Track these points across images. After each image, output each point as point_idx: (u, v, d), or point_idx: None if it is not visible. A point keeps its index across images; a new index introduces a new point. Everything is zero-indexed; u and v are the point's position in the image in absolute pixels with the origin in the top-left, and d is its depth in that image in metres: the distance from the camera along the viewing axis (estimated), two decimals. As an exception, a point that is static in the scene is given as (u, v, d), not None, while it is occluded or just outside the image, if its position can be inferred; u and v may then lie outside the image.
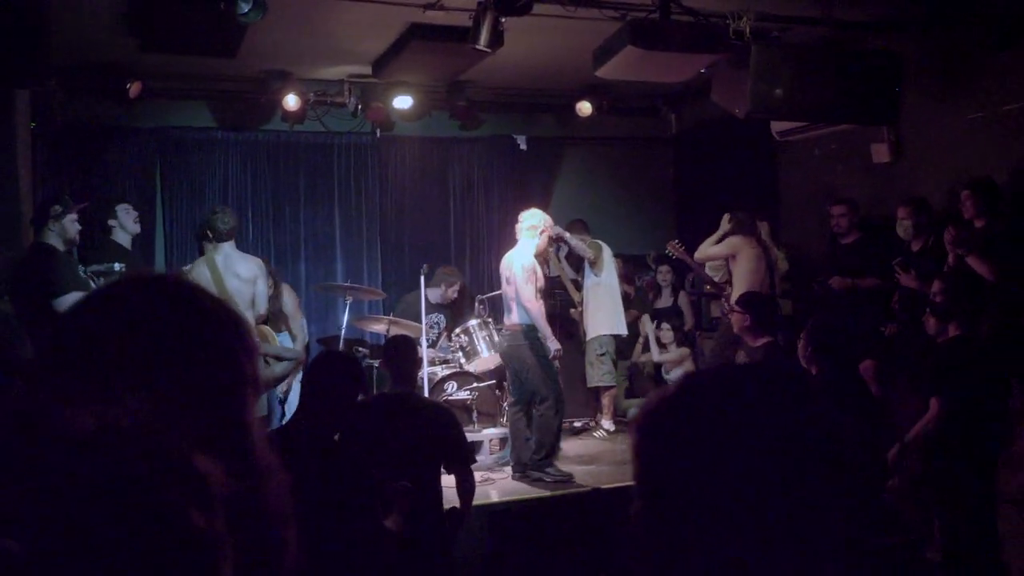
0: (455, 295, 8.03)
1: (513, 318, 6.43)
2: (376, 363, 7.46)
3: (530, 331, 6.33)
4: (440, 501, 4.24)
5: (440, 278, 7.97)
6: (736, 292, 6.62)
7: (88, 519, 0.64)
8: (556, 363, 6.51)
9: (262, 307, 6.63)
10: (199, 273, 6.67)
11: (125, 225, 6.80)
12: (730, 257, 7.31)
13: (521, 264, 6.35)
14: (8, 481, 0.65)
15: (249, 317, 6.43)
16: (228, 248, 6.71)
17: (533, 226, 6.48)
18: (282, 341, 7.32)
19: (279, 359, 6.78)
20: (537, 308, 6.35)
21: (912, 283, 6.16)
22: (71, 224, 5.93)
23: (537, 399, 6.34)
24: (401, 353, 4.55)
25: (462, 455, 4.44)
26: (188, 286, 1.06)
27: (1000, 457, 4.66)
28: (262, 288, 6.70)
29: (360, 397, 3.56)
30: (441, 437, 4.29)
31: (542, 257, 6.75)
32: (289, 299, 7.64)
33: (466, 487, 4.37)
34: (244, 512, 0.79)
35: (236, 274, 6.61)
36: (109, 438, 0.70)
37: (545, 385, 6.31)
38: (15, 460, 0.67)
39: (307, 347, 7.73)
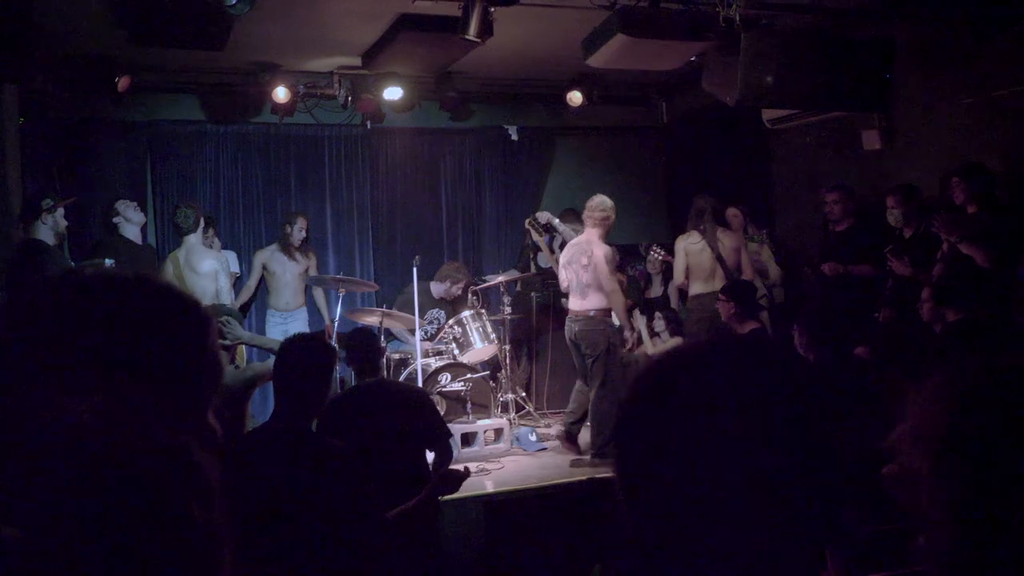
0: (459, 292, 8.00)
1: (588, 303, 6.66)
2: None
3: (607, 316, 6.66)
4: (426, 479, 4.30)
5: (446, 273, 7.96)
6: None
7: (90, 506, 0.64)
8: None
9: (226, 300, 6.66)
10: (165, 268, 6.82)
11: (130, 218, 6.85)
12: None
13: (604, 252, 6.64)
14: (4, 471, 0.65)
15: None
16: (191, 242, 6.82)
17: (606, 215, 6.76)
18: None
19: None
20: (621, 295, 6.73)
21: (905, 270, 6.17)
22: (61, 218, 5.96)
23: (601, 382, 6.53)
24: (365, 345, 4.62)
25: (441, 432, 4.51)
26: (149, 283, 1.07)
27: None
28: (224, 282, 6.79)
29: (337, 377, 3.51)
30: (420, 418, 4.36)
31: None
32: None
33: (444, 462, 4.45)
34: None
35: (194, 269, 6.74)
36: (106, 428, 0.70)
37: (612, 369, 6.55)
38: (9, 450, 0.66)
39: None
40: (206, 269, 6.73)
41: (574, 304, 6.78)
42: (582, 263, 6.69)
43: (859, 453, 0.98)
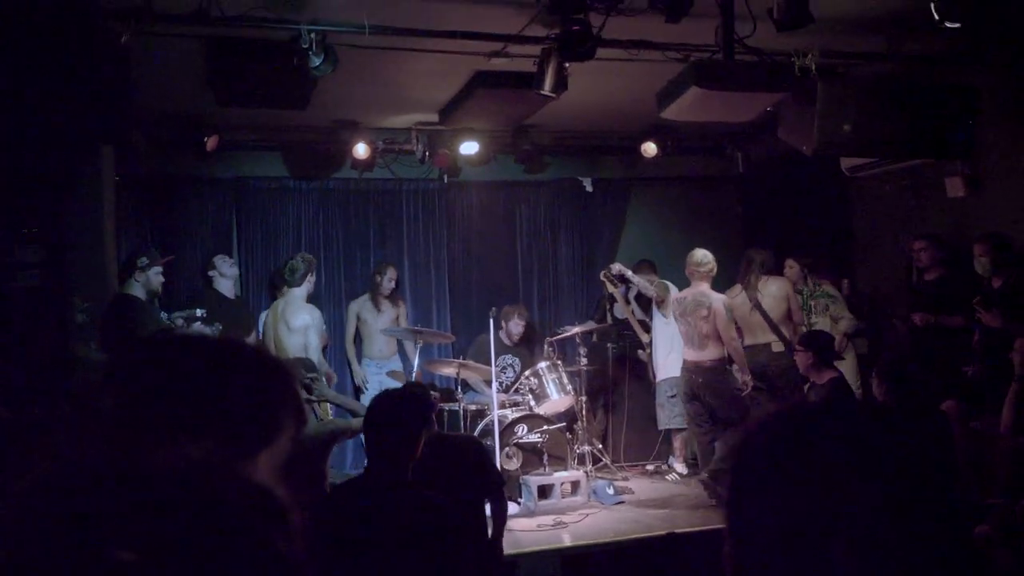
0: (519, 330, 8.01)
1: (706, 354, 6.93)
2: (448, 406, 7.51)
3: (726, 365, 6.96)
4: (487, 531, 4.30)
5: (505, 313, 8.04)
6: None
7: (188, 544, 0.74)
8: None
9: (313, 356, 6.73)
10: (264, 317, 6.99)
11: (224, 272, 7.09)
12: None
13: (722, 303, 6.94)
14: (112, 511, 0.75)
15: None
16: (294, 295, 6.98)
17: (711, 267, 7.10)
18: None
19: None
20: (739, 343, 7.09)
21: (995, 321, 5.99)
22: (155, 276, 6.20)
23: (728, 424, 6.78)
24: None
25: (496, 481, 4.49)
26: (231, 344, 1.17)
27: None
28: (313, 339, 6.89)
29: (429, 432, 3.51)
30: (478, 466, 4.35)
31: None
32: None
33: (499, 511, 4.45)
34: None
35: (287, 322, 6.91)
36: (202, 473, 0.80)
37: (737, 412, 6.77)
38: (114, 496, 0.76)
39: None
40: (298, 324, 6.88)
41: (690, 355, 6.98)
42: (701, 315, 6.87)
43: (951, 509, 0.97)
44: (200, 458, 0.83)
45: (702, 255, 7.06)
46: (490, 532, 4.41)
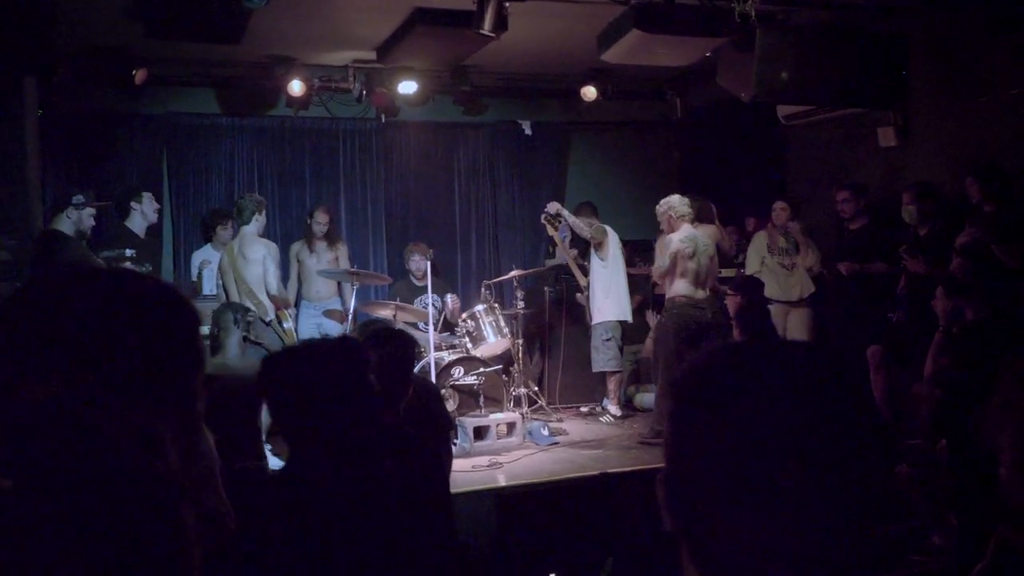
0: (423, 266, 7.85)
1: (707, 292, 7.00)
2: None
3: None
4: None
5: (404, 256, 8.19)
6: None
7: (71, 468, 0.79)
8: None
9: (272, 287, 6.91)
10: (221, 257, 7.17)
11: (146, 213, 6.92)
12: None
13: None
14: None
15: (261, 295, 6.85)
16: (246, 232, 7.05)
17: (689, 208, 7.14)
18: None
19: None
20: None
21: (920, 268, 6.16)
22: (88, 217, 6.06)
23: None
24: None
25: (448, 424, 4.56)
26: (127, 276, 1.18)
27: None
28: (271, 267, 6.97)
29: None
30: (435, 410, 4.39)
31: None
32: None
33: (447, 454, 4.49)
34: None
35: (245, 256, 6.95)
36: (81, 409, 0.86)
37: None
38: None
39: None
40: (254, 256, 6.95)
41: (700, 293, 6.97)
42: (711, 255, 7.04)
43: (873, 450, 1.01)
44: (80, 394, 0.87)
45: (680, 199, 7.05)
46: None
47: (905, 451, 5.37)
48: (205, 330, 6.25)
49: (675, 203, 7.02)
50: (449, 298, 8.00)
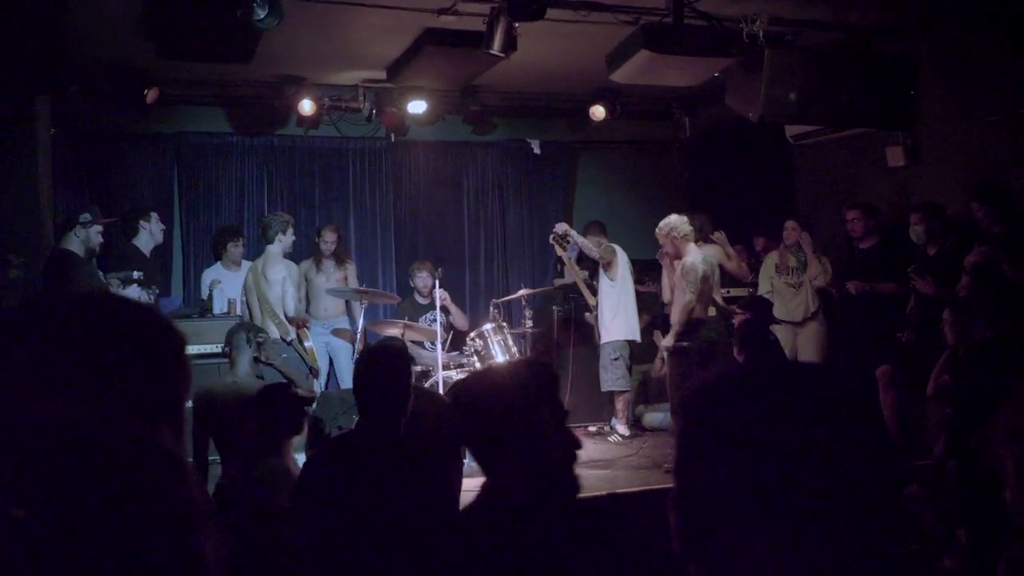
0: (428, 282, 7.88)
1: (711, 311, 7.00)
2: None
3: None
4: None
5: (408, 275, 8.16)
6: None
7: (80, 487, 0.77)
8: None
9: (289, 309, 7.06)
10: (246, 277, 7.36)
11: (154, 232, 6.98)
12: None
13: None
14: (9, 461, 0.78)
15: (282, 316, 7.04)
16: (270, 252, 7.22)
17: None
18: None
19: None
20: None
21: (928, 289, 6.14)
22: (96, 235, 6.10)
23: None
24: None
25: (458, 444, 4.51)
26: (111, 299, 1.21)
27: None
28: (290, 289, 7.12)
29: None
30: (451, 427, 4.37)
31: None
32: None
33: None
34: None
35: (266, 277, 7.11)
36: (90, 423, 0.84)
37: None
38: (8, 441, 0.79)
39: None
40: (275, 277, 7.09)
41: (710, 312, 6.95)
42: (716, 279, 7.05)
43: (881, 471, 1.01)
44: (76, 413, 0.86)
45: (680, 219, 6.84)
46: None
47: (915, 471, 5.34)
48: (214, 348, 6.28)
49: (676, 223, 6.81)
50: (438, 292, 7.78)
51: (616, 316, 7.83)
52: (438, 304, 7.29)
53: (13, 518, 0.73)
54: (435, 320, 7.67)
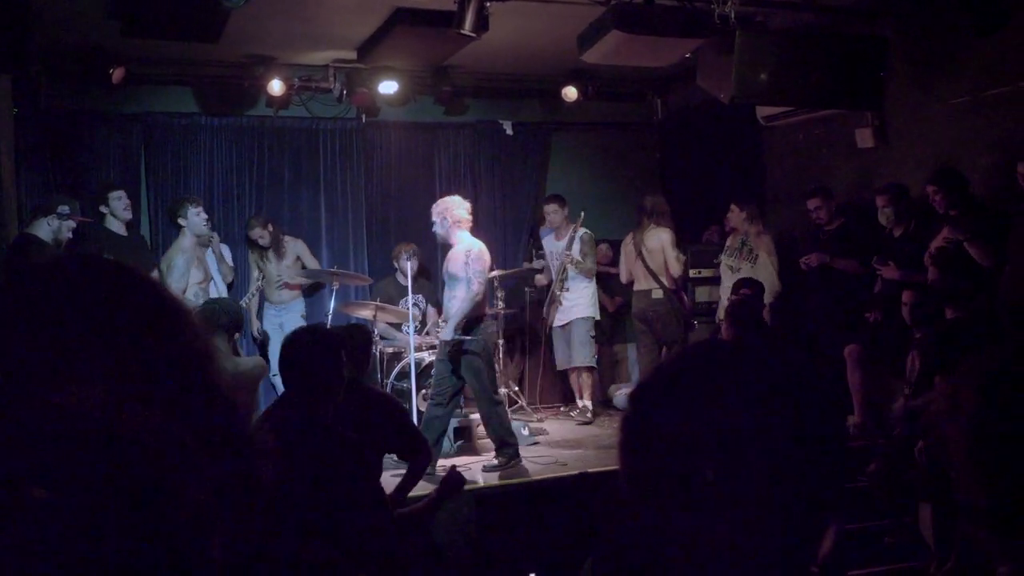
0: (414, 265, 7.80)
1: None
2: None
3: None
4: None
5: (393, 256, 8.13)
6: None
7: (98, 474, 0.77)
8: None
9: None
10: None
11: (116, 212, 6.87)
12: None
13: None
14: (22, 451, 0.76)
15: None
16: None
17: None
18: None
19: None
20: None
21: (894, 274, 6.22)
22: (67, 229, 6.01)
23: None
24: (360, 344, 4.59)
25: (421, 445, 4.48)
26: (140, 275, 1.06)
27: None
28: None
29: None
30: (400, 427, 4.33)
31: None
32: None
33: (419, 471, 4.43)
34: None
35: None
36: (108, 414, 0.82)
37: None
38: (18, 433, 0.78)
39: None
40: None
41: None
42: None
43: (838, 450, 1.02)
44: (94, 398, 0.83)
45: (458, 201, 6.59)
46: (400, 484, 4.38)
47: (879, 449, 5.41)
48: None
49: (451, 204, 6.50)
50: (432, 309, 7.89)
51: (586, 294, 7.90)
52: (410, 285, 7.25)
53: (35, 498, 0.73)
54: (416, 304, 7.67)
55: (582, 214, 7.90)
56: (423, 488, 4.58)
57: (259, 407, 5.49)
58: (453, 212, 6.31)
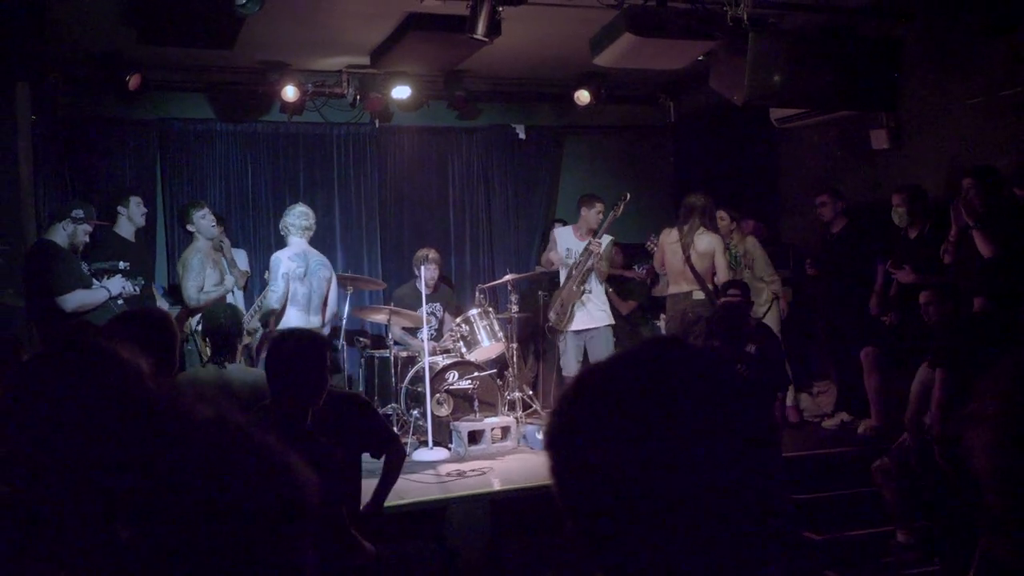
0: (434, 274, 7.74)
1: None
2: (377, 353, 7.50)
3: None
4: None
5: (415, 262, 7.86)
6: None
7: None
8: None
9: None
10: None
11: (134, 217, 6.87)
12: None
13: None
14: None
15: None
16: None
17: None
18: None
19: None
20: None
21: (909, 278, 6.17)
22: (84, 233, 6.04)
23: None
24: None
25: (390, 437, 4.23)
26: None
27: None
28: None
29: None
30: (367, 427, 4.21)
31: None
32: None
33: (397, 462, 4.19)
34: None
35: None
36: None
37: None
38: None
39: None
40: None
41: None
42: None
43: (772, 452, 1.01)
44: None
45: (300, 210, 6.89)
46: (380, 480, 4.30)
47: (894, 447, 5.38)
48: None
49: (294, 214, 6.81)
50: (448, 316, 7.88)
51: (604, 299, 7.81)
52: (424, 291, 7.25)
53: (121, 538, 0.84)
54: (433, 312, 7.67)
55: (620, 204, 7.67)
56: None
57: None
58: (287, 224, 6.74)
